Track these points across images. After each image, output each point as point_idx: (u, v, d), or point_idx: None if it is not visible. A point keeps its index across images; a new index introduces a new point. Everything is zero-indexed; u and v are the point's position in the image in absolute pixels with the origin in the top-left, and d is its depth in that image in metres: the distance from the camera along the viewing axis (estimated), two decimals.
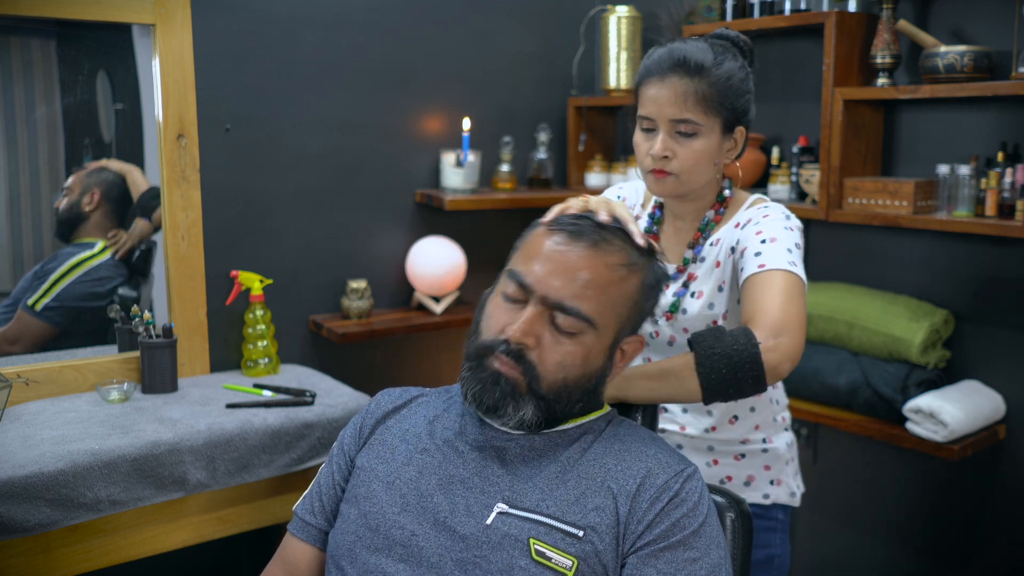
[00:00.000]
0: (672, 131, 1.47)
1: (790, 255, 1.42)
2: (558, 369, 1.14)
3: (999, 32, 2.11)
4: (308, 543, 1.27)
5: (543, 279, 1.14)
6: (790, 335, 1.30)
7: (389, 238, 2.69)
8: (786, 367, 1.30)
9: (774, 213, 1.51)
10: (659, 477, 1.13)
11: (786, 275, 1.38)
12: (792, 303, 1.35)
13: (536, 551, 1.08)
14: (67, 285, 2.23)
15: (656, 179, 1.51)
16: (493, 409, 1.15)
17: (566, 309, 1.13)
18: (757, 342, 1.28)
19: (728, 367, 1.27)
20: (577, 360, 1.15)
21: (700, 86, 1.45)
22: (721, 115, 1.48)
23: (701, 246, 1.56)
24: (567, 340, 1.14)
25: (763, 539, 1.64)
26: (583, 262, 1.15)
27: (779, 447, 1.64)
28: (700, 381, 1.29)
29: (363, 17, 2.56)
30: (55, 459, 1.73)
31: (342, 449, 1.30)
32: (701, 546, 1.10)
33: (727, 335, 1.30)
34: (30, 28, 2.16)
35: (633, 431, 1.22)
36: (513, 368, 1.14)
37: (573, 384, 1.16)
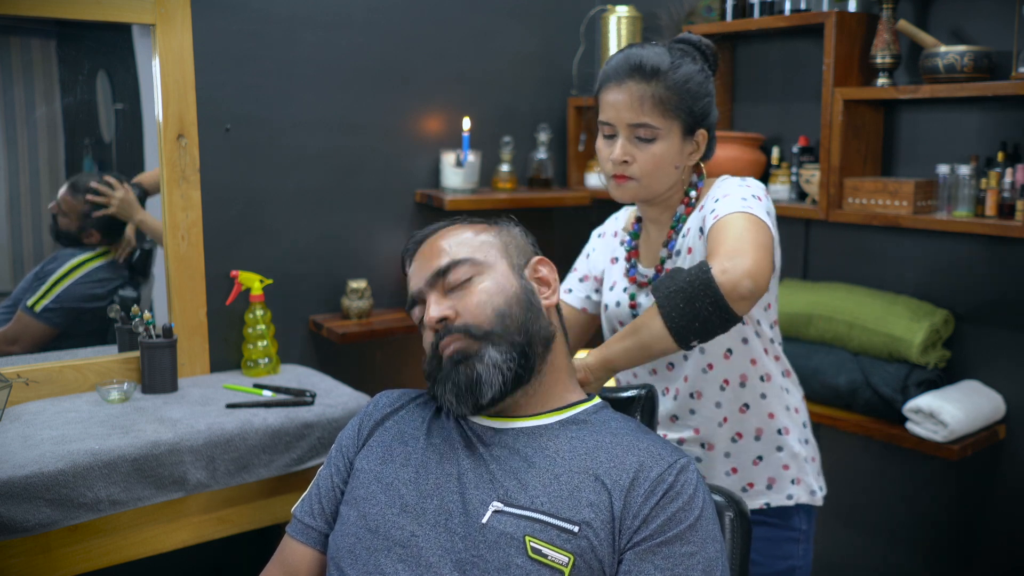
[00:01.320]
0: (631, 136, 1.49)
1: (744, 202, 1.41)
2: (480, 307, 1.20)
3: (999, 32, 2.11)
4: (308, 545, 1.27)
5: (418, 279, 1.26)
6: (743, 256, 1.30)
7: (389, 238, 2.69)
8: (746, 284, 1.27)
9: (730, 179, 1.53)
10: (652, 470, 1.13)
11: (740, 215, 1.38)
12: (746, 233, 1.35)
13: (532, 548, 1.09)
14: (67, 286, 2.23)
15: (617, 184, 1.53)
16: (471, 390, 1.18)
17: (444, 270, 1.23)
18: (708, 267, 1.29)
19: (685, 300, 1.29)
20: (492, 290, 1.22)
21: (657, 89, 1.47)
22: (680, 118, 1.49)
23: (674, 241, 1.57)
24: (467, 287, 1.22)
25: (784, 550, 1.63)
26: (435, 248, 1.27)
27: (793, 443, 1.62)
28: (665, 323, 1.31)
29: (363, 17, 2.56)
30: (55, 459, 1.73)
31: (341, 451, 1.30)
32: (698, 540, 1.10)
33: (683, 271, 1.32)
34: (30, 28, 2.16)
35: (624, 423, 1.23)
36: (454, 339, 1.19)
37: (506, 309, 1.20)
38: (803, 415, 1.67)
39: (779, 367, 1.63)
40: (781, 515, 1.63)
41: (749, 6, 2.51)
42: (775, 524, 1.62)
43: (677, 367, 1.61)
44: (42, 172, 2.23)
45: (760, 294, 1.30)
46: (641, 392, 1.42)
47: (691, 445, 1.63)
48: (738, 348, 1.56)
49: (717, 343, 1.55)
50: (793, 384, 1.68)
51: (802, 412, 1.67)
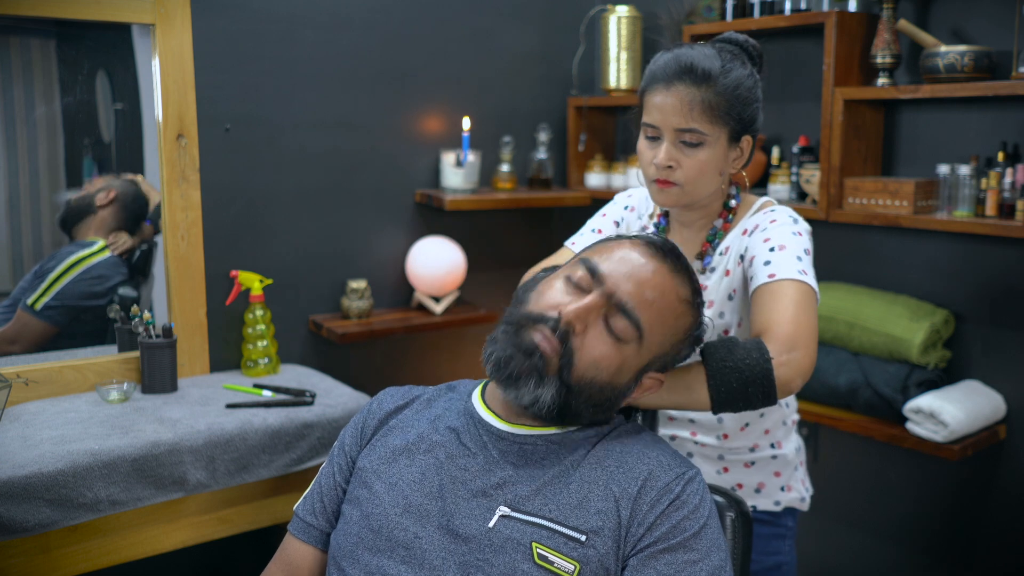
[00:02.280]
0: (676, 140, 1.43)
1: (800, 263, 1.39)
2: (592, 366, 1.13)
3: (999, 32, 2.11)
4: (309, 544, 1.26)
5: (617, 276, 1.15)
6: (803, 349, 1.29)
7: (389, 238, 2.69)
8: (798, 383, 1.28)
9: (781, 218, 1.48)
10: (660, 479, 1.12)
11: (797, 285, 1.36)
12: (803, 315, 1.33)
13: (538, 555, 1.08)
14: (66, 284, 2.23)
15: (660, 189, 1.47)
16: (515, 378, 1.13)
17: (627, 312, 1.14)
18: (769, 357, 1.26)
19: (739, 381, 1.26)
20: (612, 365, 1.14)
21: (706, 95, 1.41)
22: (728, 124, 1.44)
23: (710, 256, 1.54)
24: (611, 342, 1.14)
25: (773, 546, 1.64)
26: (658, 279, 1.17)
27: (788, 453, 1.63)
28: (710, 393, 1.28)
29: (363, 17, 2.56)
30: (55, 459, 1.73)
31: (343, 449, 1.29)
32: (702, 548, 1.09)
33: (739, 347, 1.28)
34: (30, 28, 2.16)
35: (634, 433, 1.22)
36: (553, 345, 1.12)
37: (598, 387, 1.15)
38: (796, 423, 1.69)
39: None
40: (769, 515, 1.64)
41: (749, 6, 2.51)
42: (764, 521, 1.64)
43: None
44: (42, 172, 2.23)
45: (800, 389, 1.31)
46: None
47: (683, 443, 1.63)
48: None
49: None
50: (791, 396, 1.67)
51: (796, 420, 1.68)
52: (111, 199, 2.27)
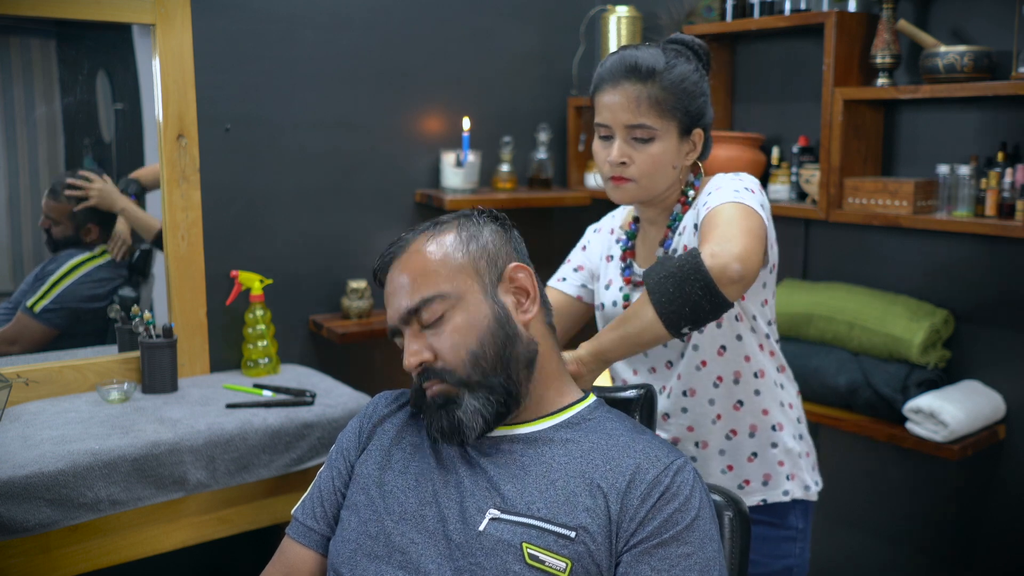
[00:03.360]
0: (628, 137, 1.49)
1: (736, 194, 1.42)
2: (455, 350, 1.17)
3: (999, 32, 2.11)
4: (310, 548, 1.26)
5: (392, 313, 1.21)
6: (733, 241, 1.30)
7: (389, 238, 2.67)
8: (735, 268, 1.28)
9: (723, 176, 1.53)
10: (648, 472, 1.12)
11: (731, 205, 1.39)
12: (736, 220, 1.35)
13: (529, 555, 1.08)
14: (67, 287, 2.23)
15: (616, 186, 1.53)
16: (453, 431, 1.17)
17: (414, 309, 1.18)
18: (698, 252, 1.29)
19: (675, 285, 1.29)
20: (463, 329, 1.17)
21: (652, 90, 1.46)
22: (676, 118, 1.49)
23: (671, 240, 1.57)
24: (441, 326, 1.18)
25: (782, 549, 1.63)
26: (399, 274, 1.21)
27: (788, 439, 1.62)
28: (655, 308, 1.31)
29: (363, 17, 2.56)
30: (55, 459, 1.73)
31: (342, 454, 1.30)
32: (695, 541, 1.09)
33: (672, 258, 1.33)
34: (30, 28, 2.16)
35: (620, 422, 1.22)
36: (434, 383, 1.18)
37: (480, 350, 1.17)
38: (797, 411, 1.67)
39: (774, 363, 1.63)
40: (778, 513, 1.63)
41: (749, 6, 2.51)
42: (772, 523, 1.62)
43: (674, 364, 1.61)
44: (42, 172, 2.23)
45: (750, 279, 1.31)
46: (640, 392, 1.42)
47: (686, 444, 1.63)
48: (732, 345, 1.56)
49: (711, 340, 1.55)
50: (788, 380, 1.67)
51: (796, 408, 1.67)
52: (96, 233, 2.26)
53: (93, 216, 2.26)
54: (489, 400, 1.17)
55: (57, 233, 2.24)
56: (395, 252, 1.24)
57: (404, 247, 1.23)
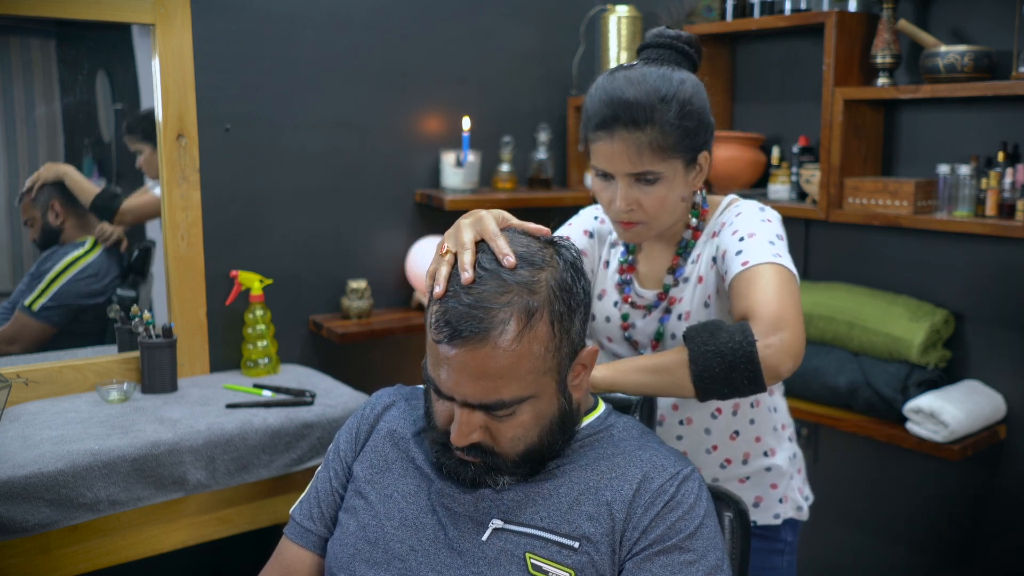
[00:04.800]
0: (631, 182, 1.37)
1: (773, 247, 1.34)
2: (514, 443, 1.11)
3: (999, 32, 2.11)
4: (307, 549, 1.26)
5: (454, 387, 1.07)
6: (789, 330, 1.24)
7: (389, 238, 2.69)
8: (788, 366, 1.23)
9: (747, 210, 1.43)
10: (654, 481, 1.11)
11: (773, 267, 1.31)
12: (786, 295, 1.27)
13: (533, 565, 1.08)
14: (63, 284, 2.23)
15: (625, 229, 1.42)
16: (473, 484, 1.13)
17: (489, 407, 1.07)
18: (754, 340, 1.22)
19: (722, 366, 1.22)
20: (528, 426, 1.10)
21: (653, 136, 1.33)
22: (682, 155, 1.37)
23: (682, 268, 1.49)
24: (510, 419, 1.09)
25: (769, 561, 1.61)
26: (479, 362, 1.04)
27: (781, 463, 1.59)
28: (692, 379, 1.24)
29: (363, 17, 2.56)
30: (55, 459, 1.73)
31: (338, 455, 1.28)
32: (699, 548, 1.08)
33: (723, 330, 1.25)
34: (30, 28, 2.16)
35: (628, 432, 1.20)
36: (474, 458, 1.11)
37: (537, 443, 1.12)
38: (789, 429, 1.64)
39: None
40: (769, 530, 1.60)
41: (749, 6, 2.51)
42: (761, 536, 1.59)
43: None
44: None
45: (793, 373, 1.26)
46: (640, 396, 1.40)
47: None
48: None
49: None
50: (780, 398, 1.63)
51: (788, 427, 1.64)
52: (61, 210, 2.24)
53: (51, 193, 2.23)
54: (519, 477, 1.13)
55: (35, 232, 2.23)
56: (476, 331, 1.03)
57: (487, 329, 1.03)
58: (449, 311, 1.05)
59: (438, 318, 1.06)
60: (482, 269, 1.07)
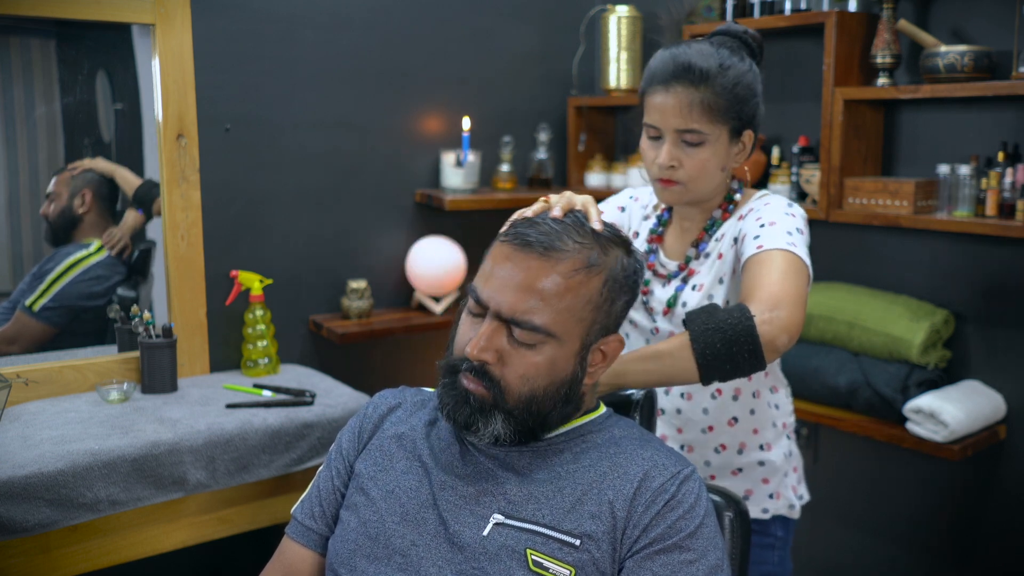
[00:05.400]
0: (678, 140, 1.45)
1: (789, 237, 1.40)
2: (522, 382, 1.12)
3: (999, 32, 2.11)
4: (308, 548, 1.26)
5: (494, 294, 1.12)
6: (786, 308, 1.29)
7: (389, 238, 2.69)
8: (783, 340, 1.28)
9: (775, 201, 1.50)
10: (655, 480, 1.11)
11: (783, 254, 1.37)
12: (789, 279, 1.33)
13: (533, 561, 1.08)
14: (65, 285, 2.23)
15: (663, 187, 1.49)
16: (465, 426, 1.14)
17: (519, 323, 1.11)
18: (752, 315, 1.27)
19: (723, 342, 1.26)
20: (541, 371, 1.12)
21: (705, 95, 1.42)
22: (728, 122, 1.45)
23: (706, 243, 1.55)
24: (528, 352, 1.12)
25: (759, 555, 1.62)
26: (533, 273, 1.11)
27: (776, 459, 1.61)
28: (696, 358, 1.28)
29: (363, 17, 2.56)
30: (55, 459, 1.73)
31: (340, 453, 1.29)
32: (698, 548, 1.09)
33: (721, 311, 1.29)
34: (30, 28, 2.16)
35: (629, 432, 1.21)
36: (479, 385, 1.12)
37: (541, 395, 1.13)
38: (789, 427, 1.66)
39: (768, 383, 1.62)
40: (756, 523, 1.62)
41: (749, 6, 2.51)
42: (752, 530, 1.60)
43: None
44: (42, 172, 2.23)
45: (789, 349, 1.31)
46: (640, 393, 1.41)
47: (671, 443, 1.62)
48: None
49: None
50: (784, 397, 1.66)
51: (789, 424, 1.66)
52: (90, 203, 2.25)
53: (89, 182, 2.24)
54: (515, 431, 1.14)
55: (53, 209, 2.22)
56: (548, 246, 1.12)
57: (556, 249, 1.12)
58: (530, 223, 1.16)
59: (516, 225, 1.17)
60: (572, 216, 1.17)
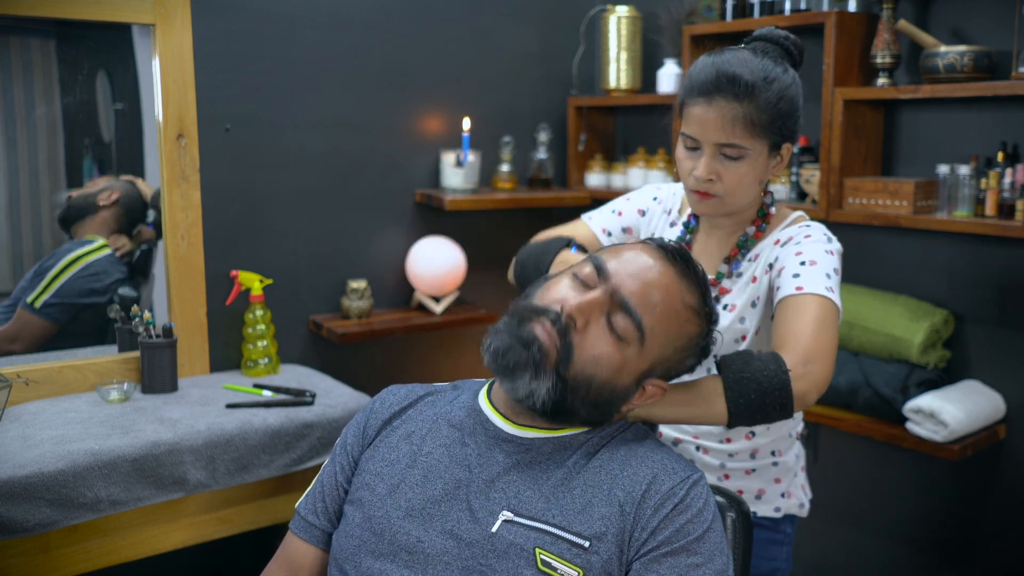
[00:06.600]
0: (717, 153, 1.41)
1: (828, 280, 1.38)
2: (592, 363, 1.12)
3: (999, 32, 2.11)
4: (311, 543, 1.26)
5: (622, 274, 1.15)
6: (819, 364, 1.29)
7: (389, 238, 2.69)
8: (812, 396, 1.29)
9: (816, 234, 1.47)
10: (664, 484, 1.11)
11: (822, 301, 1.35)
12: (824, 331, 1.32)
13: (542, 561, 1.07)
14: (65, 281, 2.23)
15: (699, 200, 1.46)
16: (511, 369, 1.11)
17: (630, 310, 1.12)
18: (787, 369, 1.26)
19: (757, 392, 1.25)
20: (613, 365, 1.13)
21: (748, 110, 1.39)
22: (769, 138, 1.43)
23: (739, 262, 1.53)
24: (612, 341, 1.12)
25: (770, 552, 1.62)
26: (664, 281, 1.16)
27: (788, 460, 1.62)
28: (727, 405, 1.26)
29: (363, 17, 2.56)
30: (55, 459, 1.73)
31: (345, 448, 1.28)
32: (705, 552, 1.08)
33: (756, 360, 1.28)
34: (30, 28, 2.16)
35: (639, 436, 1.21)
36: (552, 338, 1.11)
37: (597, 386, 1.13)
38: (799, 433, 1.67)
39: None
40: (768, 521, 1.63)
41: (749, 6, 2.51)
42: (763, 526, 1.62)
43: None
44: (42, 172, 2.23)
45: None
46: None
47: (686, 445, 1.62)
48: None
49: None
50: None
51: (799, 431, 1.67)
52: (113, 200, 2.27)
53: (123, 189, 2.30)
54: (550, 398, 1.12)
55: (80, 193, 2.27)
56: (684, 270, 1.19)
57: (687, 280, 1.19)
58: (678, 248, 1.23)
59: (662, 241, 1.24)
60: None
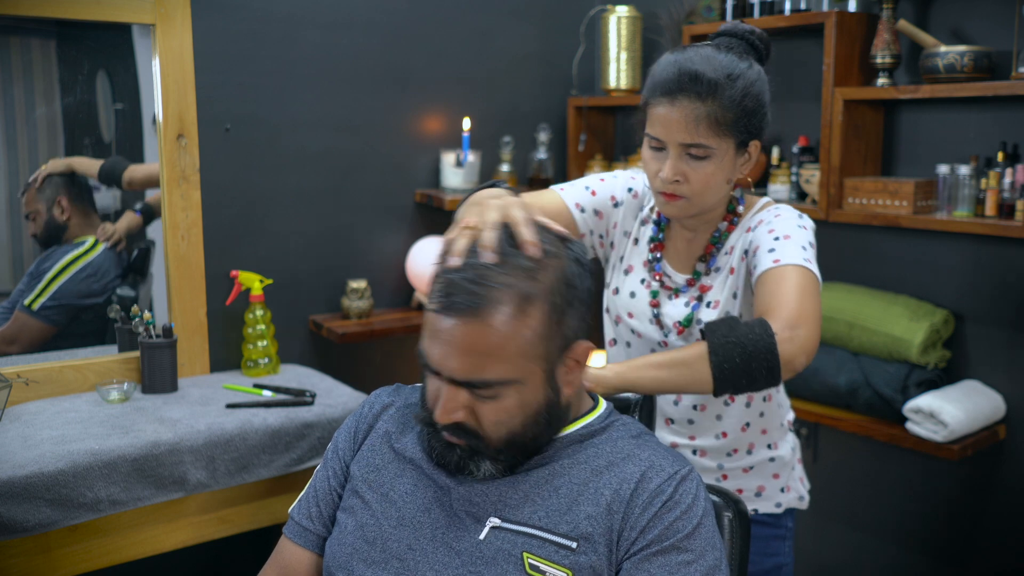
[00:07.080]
0: (682, 154, 1.39)
1: (804, 252, 1.39)
2: (498, 427, 1.10)
3: (999, 32, 2.11)
4: (305, 548, 1.25)
5: (441, 362, 1.08)
6: (806, 328, 1.28)
7: (389, 238, 2.69)
8: (801, 360, 1.28)
9: (786, 213, 1.48)
10: (652, 481, 1.11)
11: (801, 270, 1.35)
12: (808, 297, 1.32)
13: (530, 565, 1.07)
14: (63, 283, 2.23)
15: (667, 201, 1.44)
16: (458, 469, 1.13)
17: (473, 383, 1.07)
18: (773, 332, 1.26)
19: (742, 356, 1.25)
20: (513, 411, 1.09)
21: (712, 108, 1.36)
22: (736, 136, 1.40)
23: (715, 257, 1.52)
24: (494, 401, 1.09)
25: (773, 547, 1.63)
26: (468, 336, 1.05)
27: (784, 453, 1.62)
28: (712, 370, 1.26)
29: (363, 17, 2.56)
30: (55, 459, 1.73)
31: (337, 453, 1.28)
32: (696, 548, 1.08)
33: (742, 325, 1.28)
34: (30, 28, 2.16)
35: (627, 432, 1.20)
36: (458, 439, 1.11)
37: (521, 431, 1.11)
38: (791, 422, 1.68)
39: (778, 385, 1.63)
40: (771, 517, 1.63)
41: (749, 6, 2.51)
42: (765, 523, 1.63)
43: None
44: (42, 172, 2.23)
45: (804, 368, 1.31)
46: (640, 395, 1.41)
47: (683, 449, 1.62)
48: None
49: None
50: (784, 395, 1.67)
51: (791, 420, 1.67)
52: (67, 206, 2.24)
53: (59, 187, 2.23)
54: (507, 460, 1.13)
55: (37, 226, 2.22)
56: (472, 305, 1.04)
57: (482, 305, 1.04)
58: (451, 283, 1.07)
59: (440, 287, 1.08)
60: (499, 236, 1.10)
